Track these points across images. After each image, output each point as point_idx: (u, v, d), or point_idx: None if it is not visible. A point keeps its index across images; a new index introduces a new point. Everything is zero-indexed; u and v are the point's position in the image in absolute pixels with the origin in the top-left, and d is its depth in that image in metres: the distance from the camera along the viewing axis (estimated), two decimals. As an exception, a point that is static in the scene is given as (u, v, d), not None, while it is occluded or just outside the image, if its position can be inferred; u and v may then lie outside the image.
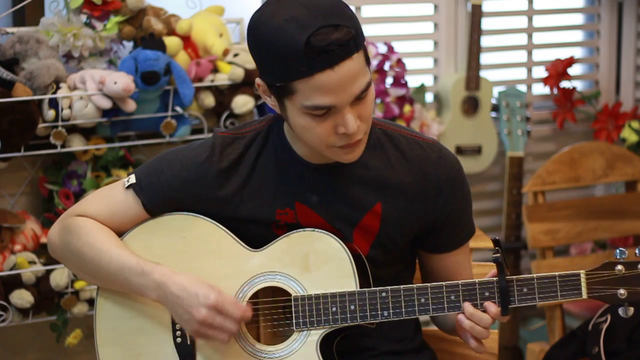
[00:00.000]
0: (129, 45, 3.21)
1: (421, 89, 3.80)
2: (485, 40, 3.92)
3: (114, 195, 2.25)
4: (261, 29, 2.03)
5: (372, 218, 2.20)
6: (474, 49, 3.81)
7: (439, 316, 2.33)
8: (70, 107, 3.00)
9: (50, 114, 2.98)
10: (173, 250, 2.21)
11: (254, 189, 2.21)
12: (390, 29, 3.82)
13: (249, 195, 2.21)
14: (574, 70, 3.99)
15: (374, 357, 2.27)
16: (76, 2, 3.03)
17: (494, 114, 3.94)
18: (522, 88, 4.03)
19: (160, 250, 2.22)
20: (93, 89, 3.00)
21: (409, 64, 3.71)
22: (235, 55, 3.25)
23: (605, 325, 3.01)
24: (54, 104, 2.98)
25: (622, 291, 2.11)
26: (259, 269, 2.19)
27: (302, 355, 2.16)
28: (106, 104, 3.01)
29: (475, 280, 2.15)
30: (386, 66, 3.61)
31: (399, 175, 2.21)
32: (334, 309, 2.16)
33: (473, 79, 3.83)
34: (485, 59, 3.92)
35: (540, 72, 4.02)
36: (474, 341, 2.14)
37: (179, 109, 3.16)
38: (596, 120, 3.99)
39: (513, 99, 3.90)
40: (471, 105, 3.86)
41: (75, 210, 2.28)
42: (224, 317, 2.10)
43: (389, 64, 3.61)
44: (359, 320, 2.16)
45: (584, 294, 2.12)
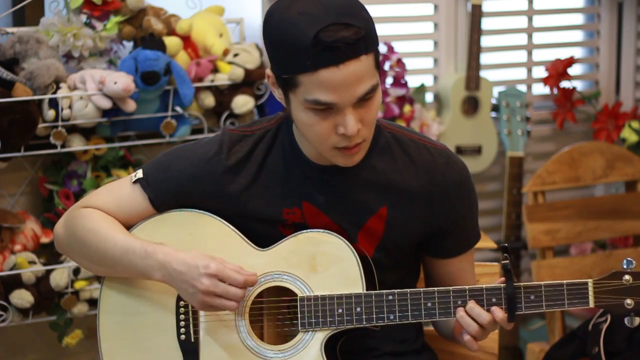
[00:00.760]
0: (129, 45, 3.21)
1: (421, 89, 3.80)
2: (485, 40, 3.92)
3: (121, 190, 2.25)
4: (274, 19, 2.04)
5: (377, 221, 2.20)
6: (474, 49, 3.81)
7: (439, 321, 2.33)
8: (70, 107, 3.00)
9: (50, 114, 2.98)
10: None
11: (261, 187, 2.20)
12: (390, 29, 3.82)
13: (256, 194, 2.20)
14: (574, 70, 3.99)
15: (376, 358, 2.27)
16: (76, 2, 3.03)
17: (494, 114, 3.94)
18: (522, 88, 4.03)
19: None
20: (93, 89, 3.00)
21: (409, 64, 3.71)
22: (235, 55, 3.25)
23: (605, 325, 3.01)
24: (54, 104, 2.98)
25: (629, 301, 2.12)
26: (265, 268, 2.19)
27: (307, 355, 2.16)
28: (106, 104, 3.01)
29: (483, 285, 2.14)
30: (386, 66, 3.61)
31: (406, 180, 2.20)
32: (340, 311, 2.15)
33: (473, 79, 3.83)
34: (485, 59, 3.92)
35: (540, 72, 4.02)
36: (467, 335, 2.13)
37: (179, 109, 3.16)
38: (596, 120, 3.99)
39: (513, 99, 3.90)
40: (471, 105, 3.86)
41: (82, 203, 2.28)
42: (227, 284, 2.10)
43: (389, 64, 3.62)
44: (365, 322, 2.15)
45: (591, 303, 2.12)
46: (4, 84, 2.90)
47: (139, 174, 2.24)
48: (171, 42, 3.13)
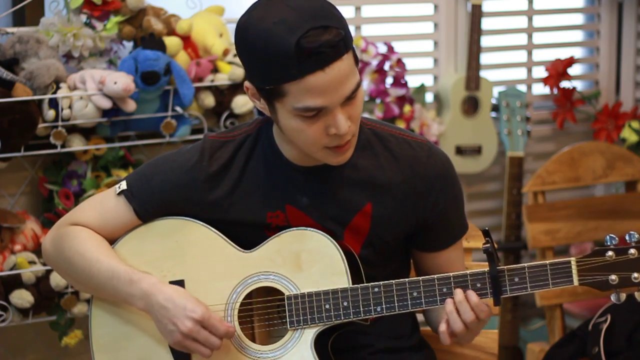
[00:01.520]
0: (129, 45, 3.21)
1: (421, 89, 3.80)
2: (485, 40, 3.92)
3: (106, 203, 2.26)
4: (250, 32, 2.03)
5: (363, 218, 2.21)
6: (474, 49, 3.81)
7: (431, 315, 2.34)
8: (70, 107, 3.00)
9: (50, 114, 2.98)
10: (165, 254, 2.22)
11: (244, 192, 2.21)
12: (390, 29, 3.82)
13: (239, 199, 2.21)
14: (574, 70, 3.99)
15: (371, 355, 2.28)
16: (76, 2, 3.03)
17: (494, 114, 3.94)
18: (522, 88, 4.03)
19: (152, 254, 2.23)
20: (93, 89, 3.00)
21: (409, 64, 3.71)
22: (235, 55, 3.25)
23: (605, 325, 3.02)
24: (54, 104, 2.98)
25: (614, 277, 2.12)
26: (251, 269, 2.20)
27: (297, 353, 2.17)
28: (106, 104, 3.01)
29: (467, 271, 2.16)
30: (386, 66, 3.61)
31: (389, 175, 2.21)
32: (327, 306, 2.16)
33: (473, 79, 3.83)
34: (485, 59, 3.92)
35: (540, 72, 4.02)
36: (443, 326, 2.14)
37: (179, 109, 3.16)
38: (596, 120, 3.99)
39: (513, 99, 3.90)
40: (471, 105, 3.86)
41: (68, 219, 2.29)
42: (209, 332, 2.11)
43: (389, 64, 3.62)
44: (352, 316, 2.17)
45: (575, 281, 2.13)
46: (4, 84, 2.90)
47: (123, 185, 2.24)
48: (171, 42, 3.13)
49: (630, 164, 3.68)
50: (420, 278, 2.16)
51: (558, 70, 3.89)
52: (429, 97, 3.89)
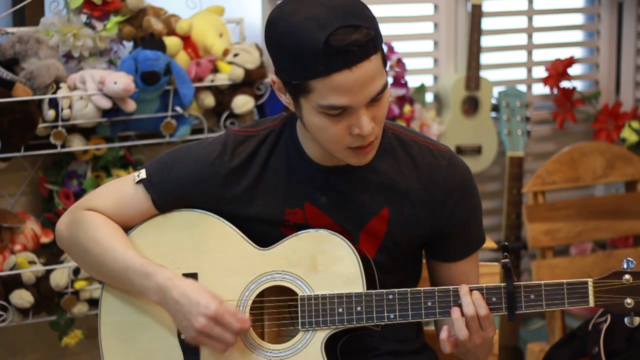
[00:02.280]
0: (129, 45, 3.21)
1: (421, 89, 3.80)
2: (485, 40, 3.92)
3: (124, 190, 2.25)
4: (280, 25, 2.02)
5: (379, 222, 2.20)
6: (474, 49, 3.81)
7: (438, 322, 2.33)
8: (70, 107, 3.00)
9: (50, 114, 2.98)
10: (181, 246, 2.21)
11: (264, 188, 2.20)
12: (390, 29, 3.82)
13: (258, 194, 2.20)
14: (574, 70, 3.99)
15: (376, 357, 2.27)
16: (76, 2, 3.03)
17: (494, 114, 3.94)
18: (522, 88, 4.03)
19: (167, 246, 2.22)
20: (93, 89, 3.00)
21: (409, 64, 3.71)
22: (235, 55, 3.25)
23: (605, 325, 3.01)
24: (54, 104, 2.98)
25: (629, 300, 2.12)
26: (266, 267, 2.19)
27: (307, 355, 2.16)
28: (106, 104, 3.00)
29: (483, 285, 2.15)
30: (386, 66, 3.61)
31: (408, 181, 2.20)
32: (340, 310, 2.16)
33: (473, 79, 3.83)
34: (485, 59, 3.92)
35: (540, 72, 4.02)
36: (444, 333, 2.13)
37: (179, 109, 3.16)
38: (596, 120, 3.99)
39: (513, 99, 3.90)
40: (471, 105, 3.86)
41: (84, 203, 2.27)
42: (223, 329, 2.10)
43: (389, 64, 3.62)
44: (365, 322, 2.16)
45: (591, 302, 2.12)
46: (4, 84, 2.90)
47: (142, 174, 2.23)
48: (171, 42, 3.13)
49: (630, 164, 3.68)
50: (436, 288, 2.15)
51: (558, 70, 3.89)
52: (429, 97, 3.89)
